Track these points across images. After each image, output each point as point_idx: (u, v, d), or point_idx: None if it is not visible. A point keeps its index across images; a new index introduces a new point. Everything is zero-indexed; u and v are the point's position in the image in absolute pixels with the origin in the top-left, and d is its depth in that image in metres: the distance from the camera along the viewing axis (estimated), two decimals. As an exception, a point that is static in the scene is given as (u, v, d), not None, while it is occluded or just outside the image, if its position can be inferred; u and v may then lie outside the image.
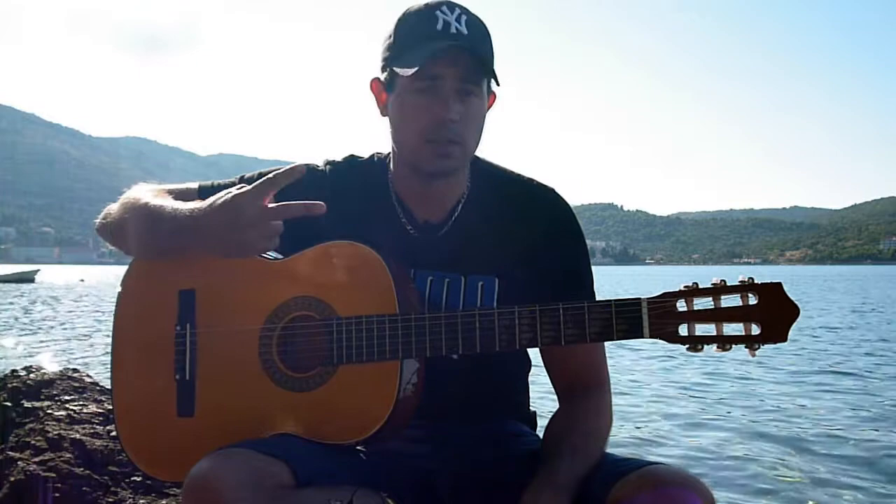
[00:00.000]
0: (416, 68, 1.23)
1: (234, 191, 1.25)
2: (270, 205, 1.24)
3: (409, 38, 1.29)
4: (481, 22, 1.32)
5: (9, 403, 2.36)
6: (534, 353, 1.40)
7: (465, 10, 1.30)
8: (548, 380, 1.40)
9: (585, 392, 1.34)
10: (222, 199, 1.25)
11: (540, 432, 1.40)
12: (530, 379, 1.51)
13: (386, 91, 1.35)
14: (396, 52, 1.30)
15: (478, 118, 1.32)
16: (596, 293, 1.37)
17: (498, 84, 1.33)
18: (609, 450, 1.28)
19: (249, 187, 1.25)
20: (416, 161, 1.33)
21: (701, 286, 1.13)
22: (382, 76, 1.35)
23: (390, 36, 1.32)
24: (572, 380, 1.36)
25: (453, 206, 1.40)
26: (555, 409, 1.35)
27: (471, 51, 1.26)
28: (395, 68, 1.29)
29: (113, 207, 1.45)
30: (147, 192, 1.41)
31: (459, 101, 1.28)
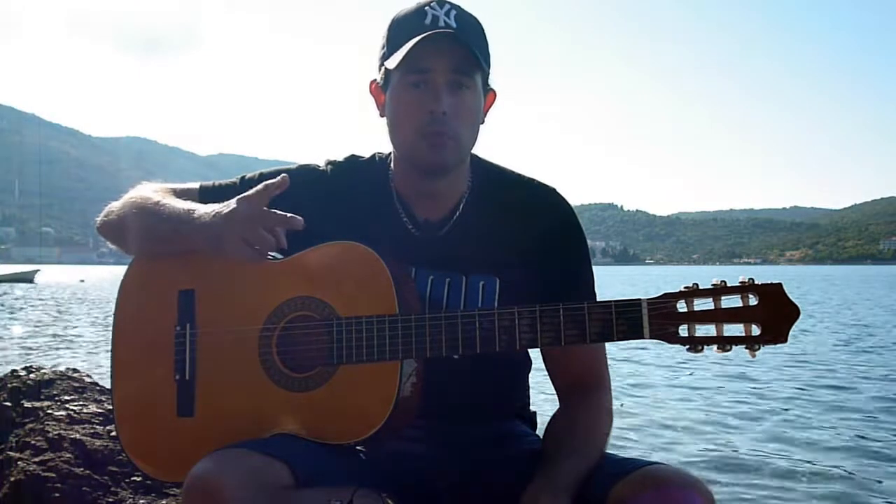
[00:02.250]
0: (401, 58, 1.24)
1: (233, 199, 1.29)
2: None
3: (400, 35, 1.30)
4: (473, 18, 1.32)
5: (9, 403, 2.36)
6: (534, 354, 1.40)
7: (455, 7, 1.30)
8: (548, 380, 1.40)
9: (586, 392, 1.34)
10: (221, 204, 1.29)
11: (540, 432, 1.40)
12: (530, 379, 1.51)
13: (383, 91, 1.36)
14: (388, 49, 1.32)
15: (471, 112, 1.32)
16: (596, 293, 1.37)
17: (488, 70, 1.33)
18: (609, 450, 1.28)
19: (246, 194, 1.27)
20: (412, 156, 1.33)
21: (701, 287, 1.13)
22: (379, 76, 1.36)
23: (384, 36, 1.34)
24: (573, 380, 1.36)
25: (454, 205, 1.40)
26: (555, 410, 1.35)
27: (458, 41, 1.26)
28: (385, 63, 1.30)
29: (115, 205, 1.46)
30: (150, 191, 1.43)
31: (451, 93, 1.28)
